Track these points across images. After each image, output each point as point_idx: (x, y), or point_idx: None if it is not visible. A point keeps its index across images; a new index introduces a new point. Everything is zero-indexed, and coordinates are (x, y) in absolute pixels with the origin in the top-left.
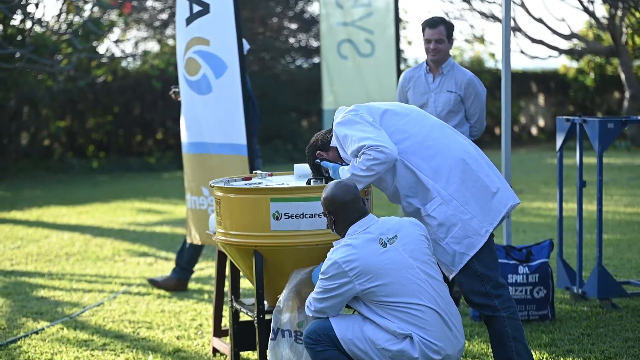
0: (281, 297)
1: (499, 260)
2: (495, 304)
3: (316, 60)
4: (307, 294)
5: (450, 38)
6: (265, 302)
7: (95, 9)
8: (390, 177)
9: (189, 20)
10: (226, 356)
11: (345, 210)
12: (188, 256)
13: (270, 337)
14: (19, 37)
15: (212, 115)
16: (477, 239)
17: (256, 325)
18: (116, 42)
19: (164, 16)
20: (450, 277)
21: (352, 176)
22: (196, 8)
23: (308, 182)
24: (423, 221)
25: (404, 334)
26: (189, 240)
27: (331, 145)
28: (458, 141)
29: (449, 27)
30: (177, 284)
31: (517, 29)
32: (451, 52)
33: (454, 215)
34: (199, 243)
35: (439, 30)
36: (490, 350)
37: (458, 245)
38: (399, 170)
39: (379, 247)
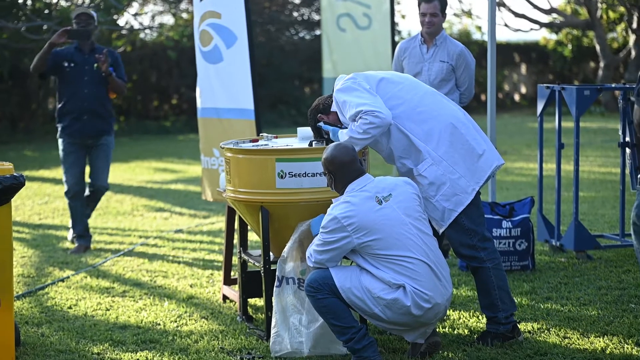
0: (285, 248)
1: (485, 216)
2: (482, 255)
3: (317, 32)
4: (308, 245)
5: (443, 12)
6: (271, 254)
7: None
8: (385, 140)
9: None
10: (235, 302)
11: (343, 169)
12: None
13: (275, 285)
14: (46, 11)
15: (222, 82)
16: (465, 197)
17: (262, 274)
18: (135, 15)
19: None
20: (440, 231)
21: (350, 139)
22: None
23: (310, 144)
24: (415, 180)
25: (398, 284)
26: (203, 197)
27: (331, 109)
28: (448, 107)
29: (443, 2)
30: None
31: (501, 4)
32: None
33: (444, 175)
34: (211, 199)
35: (434, 5)
36: (476, 296)
37: (447, 202)
38: (393, 134)
39: (375, 204)
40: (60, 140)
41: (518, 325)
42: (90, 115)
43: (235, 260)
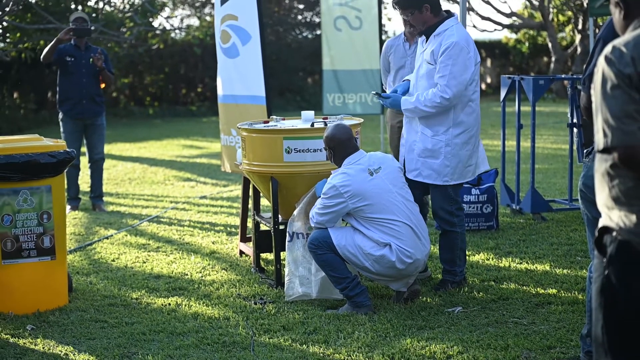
0: (295, 210)
1: None
2: (455, 221)
3: (318, 32)
4: None
5: None
6: (280, 216)
7: None
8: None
9: (222, 1)
10: (249, 257)
11: (341, 146)
12: None
13: (287, 240)
14: (94, 15)
15: (239, 73)
16: (467, 175)
17: (272, 233)
18: (167, 18)
19: None
20: (435, 182)
21: (415, 108)
22: None
23: (312, 125)
24: (442, 144)
25: (385, 243)
26: (222, 169)
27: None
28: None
29: None
30: None
31: (470, 9)
32: None
33: (464, 156)
34: (229, 171)
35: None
36: None
37: (457, 173)
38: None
39: (367, 175)
40: (62, 122)
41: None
42: (88, 100)
43: (250, 221)
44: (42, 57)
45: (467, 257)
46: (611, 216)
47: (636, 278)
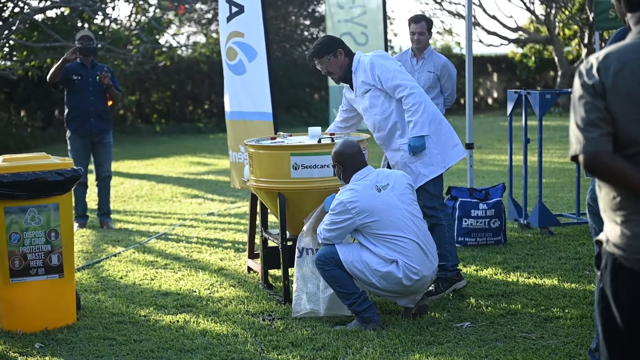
0: (304, 227)
1: (465, 200)
2: (440, 215)
3: None
4: None
5: (429, 31)
6: (287, 232)
7: (157, 10)
8: (393, 105)
9: (228, 19)
10: (257, 273)
11: (350, 161)
12: None
13: (296, 256)
14: (100, 32)
15: (246, 90)
16: (437, 169)
17: (280, 249)
18: (173, 35)
19: (209, 15)
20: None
21: (416, 122)
22: (234, 9)
23: (319, 141)
24: (401, 148)
25: (391, 259)
26: (232, 185)
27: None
28: (436, 107)
29: (429, 23)
30: None
31: (476, 23)
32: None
33: (427, 148)
34: (238, 187)
35: (421, 25)
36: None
37: (424, 169)
38: (400, 104)
39: (375, 192)
40: (69, 140)
41: (461, 274)
42: (96, 118)
43: (257, 238)
44: (48, 77)
45: (474, 272)
46: (603, 228)
47: (624, 291)
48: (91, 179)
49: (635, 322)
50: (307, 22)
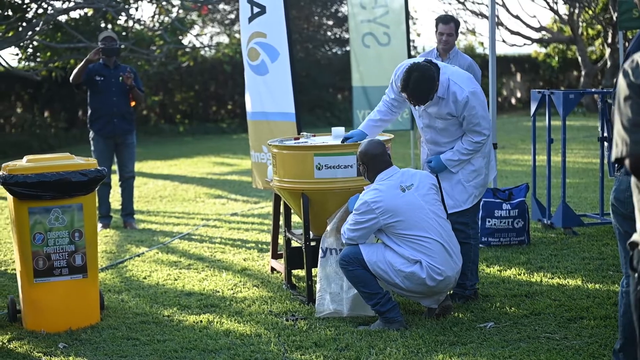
0: (328, 227)
1: (488, 200)
2: (470, 233)
3: (347, 48)
4: None
5: (457, 32)
6: (311, 232)
7: (180, 11)
8: (458, 124)
9: (250, 19)
10: (281, 273)
11: (375, 161)
12: None
13: (320, 256)
14: (124, 33)
15: (269, 90)
16: (485, 190)
17: (304, 249)
18: (196, 36)
19: (232, 16)
20: (453, 210)
21: (461, 155)
22: (256, 9)
23: (343, 141)
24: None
25: (415, 260)
26: (254, 186)
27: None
28: None
29: (457, 24)
30: None
31: (499, 23)
32: None
33: (484, 168)
34: (262, 188)
35: (450, 27)
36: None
37: (476, 189)
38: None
39: (399, 192)
40: (93, 141)
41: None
42: (119, 118)
43: (281, 238)
44: (71, 78)
45: (498, 272)
46: (637, 229)
47: None
48: (114, 179)
49: None
50: (330, 23)
